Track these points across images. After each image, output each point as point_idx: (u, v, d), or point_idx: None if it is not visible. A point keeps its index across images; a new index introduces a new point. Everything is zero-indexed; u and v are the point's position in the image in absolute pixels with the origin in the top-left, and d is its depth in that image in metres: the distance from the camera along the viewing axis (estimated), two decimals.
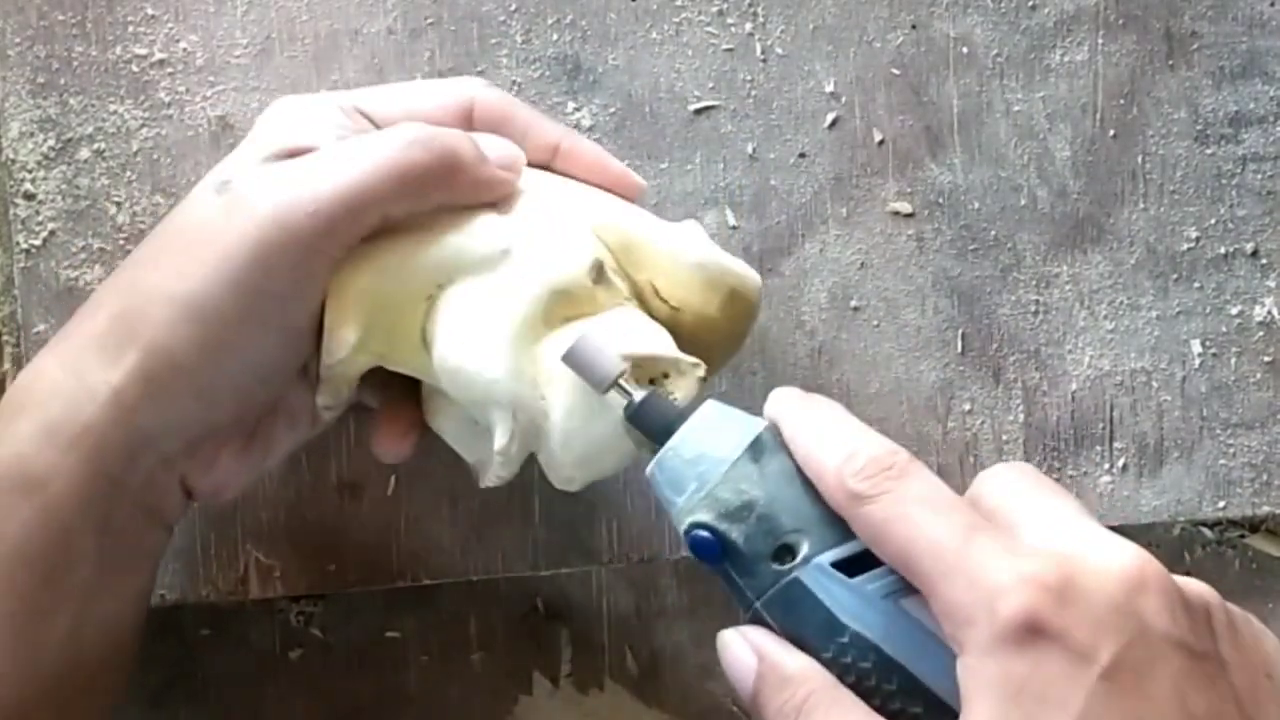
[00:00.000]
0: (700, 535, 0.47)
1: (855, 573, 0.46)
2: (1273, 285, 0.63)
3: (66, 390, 0.49)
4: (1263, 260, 0.63)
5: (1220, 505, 0.63)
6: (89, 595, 0.50)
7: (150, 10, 0.60)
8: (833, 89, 0.62)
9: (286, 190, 0.49)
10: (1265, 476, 0.63)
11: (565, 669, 0.64)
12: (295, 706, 0.63)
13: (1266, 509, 0.64)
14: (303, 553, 0.60)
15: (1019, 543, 0.45)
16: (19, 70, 0.59)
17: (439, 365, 0.51)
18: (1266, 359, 0.63)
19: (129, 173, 0.59)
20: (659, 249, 0.53)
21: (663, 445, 0.48)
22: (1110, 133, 0.63)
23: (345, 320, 0.51)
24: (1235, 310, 0.63)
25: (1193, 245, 0.63)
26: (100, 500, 0.49)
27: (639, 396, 0.49)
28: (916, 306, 0.62)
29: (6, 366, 0.60)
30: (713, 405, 0.49)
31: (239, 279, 0.49)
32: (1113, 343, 0.63)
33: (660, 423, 0.49)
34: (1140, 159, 0.63)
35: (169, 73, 0.60)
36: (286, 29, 0.60)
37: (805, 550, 0.47)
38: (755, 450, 0.48)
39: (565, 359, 0.49)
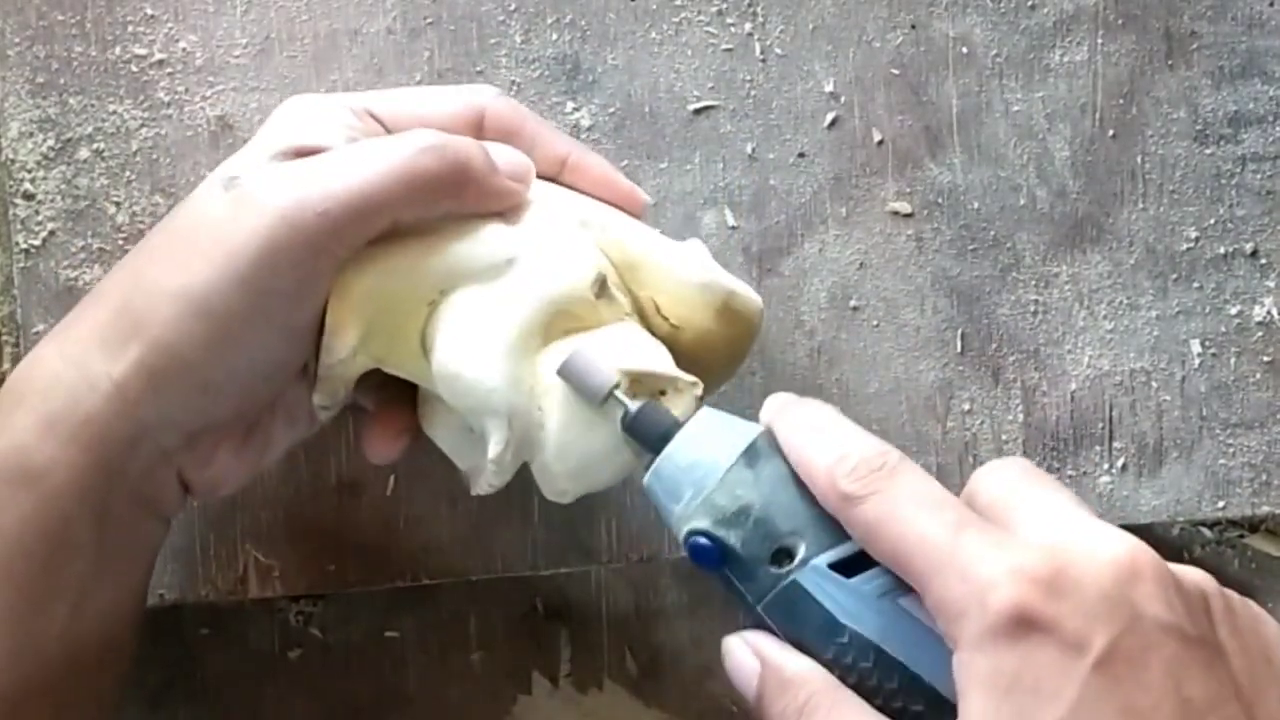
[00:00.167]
0: (698, 542, 0.47)
1: (852, 573, 0.46)
2: (1272, 285, 0.63)
3: (68, 382, 0.49)
4: (1262, 260, 0.63)
5: (1220, 505, 0.63)
6: (87, 587, 0.50)
7: (150, 10, 0.59)
8: (832, 89, 0.62)
9: (296, 189, 0.49)
10: (1265, 476, 0.63)
11: (564, 669, 0.64)
12: (294, 706, 0.63)
13: (1266, 509, 0.64)
14: (302, 552, 0.60)
15: (1010, 536, 0.44)
16: (19, 70, 0.59)
17: (437, 371, 0.51)
18: (1266, 359, 0.63)
19: (128, 173, 0.59)
20: (662, 266, 0.53)
21: (659, 454, 0.49)
22: (1110, 133, 0.63)
23: (347, 321, 0.51)
24: (1235, 310, 0.63)
25: (1192, 245, 0.63)
26: (99, 491, 0.49)
27: (634, 407, 0.49)
28: (916, 306, 0.62)
29: (6, 366, 0.60)
30: (708, 412, 0.49)
31: (245, 276, 0.48)
32: (1112, 343, 0.63)
33: (656, 431, 0.49)
34: (1140, 159, 0.63)
35: (168, 73, 0.60)
36: (286, 29, 0.60)
37: (802, 553, 0.47)
38: (750, 455, 0.48)
39: (561, 371, 0.50)
